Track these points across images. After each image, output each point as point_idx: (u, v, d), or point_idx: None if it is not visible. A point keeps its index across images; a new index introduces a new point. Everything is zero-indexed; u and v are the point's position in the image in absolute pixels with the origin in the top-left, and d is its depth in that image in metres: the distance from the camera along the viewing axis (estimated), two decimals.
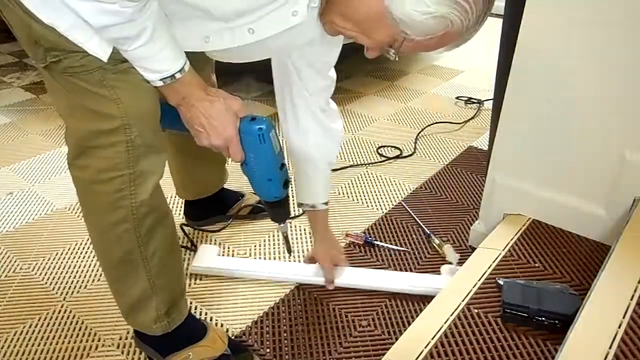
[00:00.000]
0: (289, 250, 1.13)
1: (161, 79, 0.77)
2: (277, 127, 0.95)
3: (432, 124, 2.12)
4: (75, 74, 0.75)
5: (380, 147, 1.95)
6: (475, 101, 2.33)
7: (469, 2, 0.69)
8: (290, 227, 1.50)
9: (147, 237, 0.90)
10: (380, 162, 1.86)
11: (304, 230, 1.48)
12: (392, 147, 1.96)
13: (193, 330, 1.05)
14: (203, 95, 0.81)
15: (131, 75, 0.77)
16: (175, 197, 1.52)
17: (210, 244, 1.44)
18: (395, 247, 1.40)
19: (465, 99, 2.36)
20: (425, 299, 1.21)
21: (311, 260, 1.30)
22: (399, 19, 0.71)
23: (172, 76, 0.77)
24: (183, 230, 1.47)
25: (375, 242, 1.42)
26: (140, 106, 0.80)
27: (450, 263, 1.33)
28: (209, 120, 0.81)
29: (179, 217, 1.53)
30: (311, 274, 1.28)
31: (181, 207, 1.51)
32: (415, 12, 0.69)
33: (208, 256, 1.36)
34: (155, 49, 0.74)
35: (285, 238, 1.10)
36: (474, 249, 1.25)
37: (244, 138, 0.85)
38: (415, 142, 1.99)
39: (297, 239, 1.46)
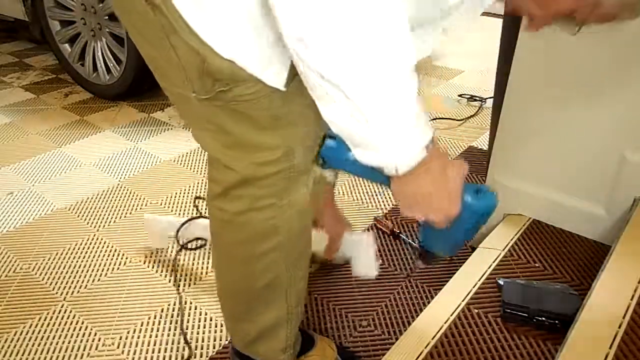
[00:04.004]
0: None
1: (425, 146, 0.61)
2: None
3: (433, 120, 2.13)
4: (243, 102, 0.66)
5: None
6: (478, 99, 2.34)
7: None
8: None
9: (297, 261, 0.83)
10: None
11: None
12: None
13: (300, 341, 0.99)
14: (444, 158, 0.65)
15: (294, 103, 0.68)
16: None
17: None
18: (416, 245, 1.41)
19: (468, 96, 2.37)
20: (426, 300, 1.21)
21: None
22: None
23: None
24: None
25: (401, 235, 1.44)
26: (303, 130, 0.72)
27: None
28: (438, 193, 0.67)
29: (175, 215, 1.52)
30: None
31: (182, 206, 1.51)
32: None
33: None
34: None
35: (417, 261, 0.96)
36: (474, 249, 1.25)
37: (462, 213, 0.70)
38: None
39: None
